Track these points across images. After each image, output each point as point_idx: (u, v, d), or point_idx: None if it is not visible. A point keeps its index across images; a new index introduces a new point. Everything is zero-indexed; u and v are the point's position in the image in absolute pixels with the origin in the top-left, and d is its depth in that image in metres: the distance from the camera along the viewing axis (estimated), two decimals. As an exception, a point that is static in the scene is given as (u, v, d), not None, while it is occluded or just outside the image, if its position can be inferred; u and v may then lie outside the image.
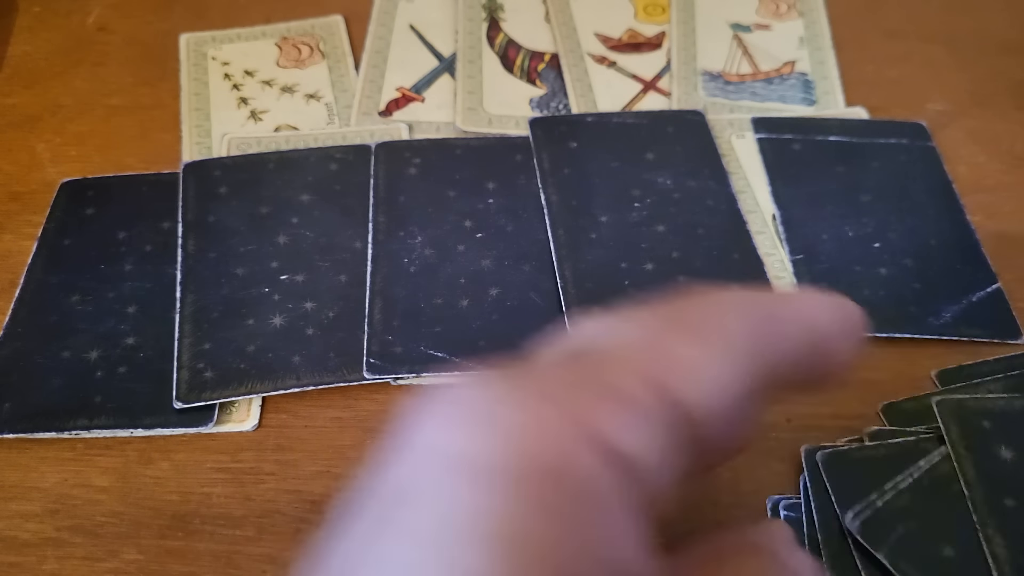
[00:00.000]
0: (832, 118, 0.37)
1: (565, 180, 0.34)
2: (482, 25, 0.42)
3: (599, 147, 0.35)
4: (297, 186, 0.35)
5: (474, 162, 0.35)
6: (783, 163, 0.35)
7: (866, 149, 0.36)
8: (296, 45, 0.42)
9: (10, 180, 0.36)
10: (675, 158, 0.35)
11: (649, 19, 0.43)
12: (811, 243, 0.33)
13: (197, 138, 0.37)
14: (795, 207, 0.34)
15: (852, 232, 0.33)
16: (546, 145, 0.36)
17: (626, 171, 0.35)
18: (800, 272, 0.32)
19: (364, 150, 0.36)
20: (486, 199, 0.34)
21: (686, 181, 0.34)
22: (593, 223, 0.33)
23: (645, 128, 0.36)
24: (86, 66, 0.41)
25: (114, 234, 0.33)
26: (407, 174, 0.34)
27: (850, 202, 0.34)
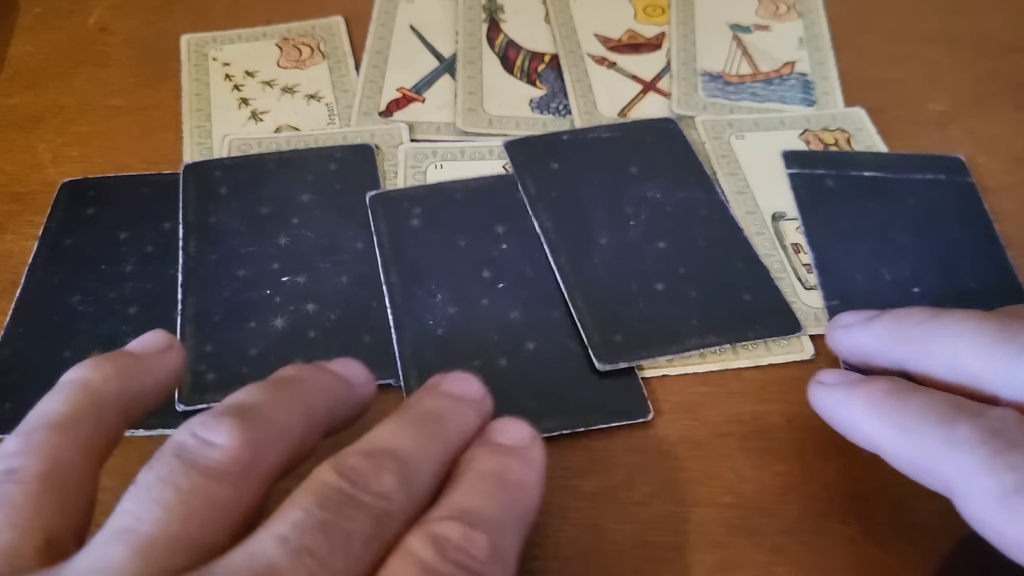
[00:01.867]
0: (867, 152, 0.36)
1: (555, 204, 0.33)
2: (482, 26, 0.42)
3: (581, 165, 0.35)
4: (297, 186, 0.35)
5: (477, 205, 0.34)
6: (816, 200, 0.34)
7: (902, 185, 0.34)
8: (297, 46, 0.42)
9: (11, 180, 0.36)
10: (659, 169, 0.35)
11: (649, 20, 0.43)
12: (847, 287, 0.31)
13: (198, 139, 0.37)
14: (829, 248, 0.33)
15: (889, 275, 0.32)
16: (528, 169, 0.35)
17: (614, 187, 0.34)
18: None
19: (364, 149, 0.36)
20: (499, 244, 0.32)
21: (675, 192, 0.34)
22: (593, 246, 0.32)
23: (622, 141, 0.36)
24: (87, 66, 0.41)
25: (115, 234, 0.33)
26: (410, 226, 0.33)
27: (886, 242, 0.33)
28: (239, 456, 0.18)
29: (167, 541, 0.17)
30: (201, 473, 0.18)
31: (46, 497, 0.18)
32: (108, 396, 0.21)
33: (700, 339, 0.30)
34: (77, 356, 0.30)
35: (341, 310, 0.31)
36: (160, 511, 0.17)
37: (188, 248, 0.32)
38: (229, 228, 0.33)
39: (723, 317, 0.30)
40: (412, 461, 0.19)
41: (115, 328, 0.30)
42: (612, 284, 0.31)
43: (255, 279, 0.32)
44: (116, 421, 0.21)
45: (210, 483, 0.18)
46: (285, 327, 0.30)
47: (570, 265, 0.32)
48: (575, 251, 0.32)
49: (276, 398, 0.21)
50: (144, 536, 0.17)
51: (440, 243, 0.32)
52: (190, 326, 0.30)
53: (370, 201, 0.34)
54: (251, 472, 0.19)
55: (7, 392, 0.29)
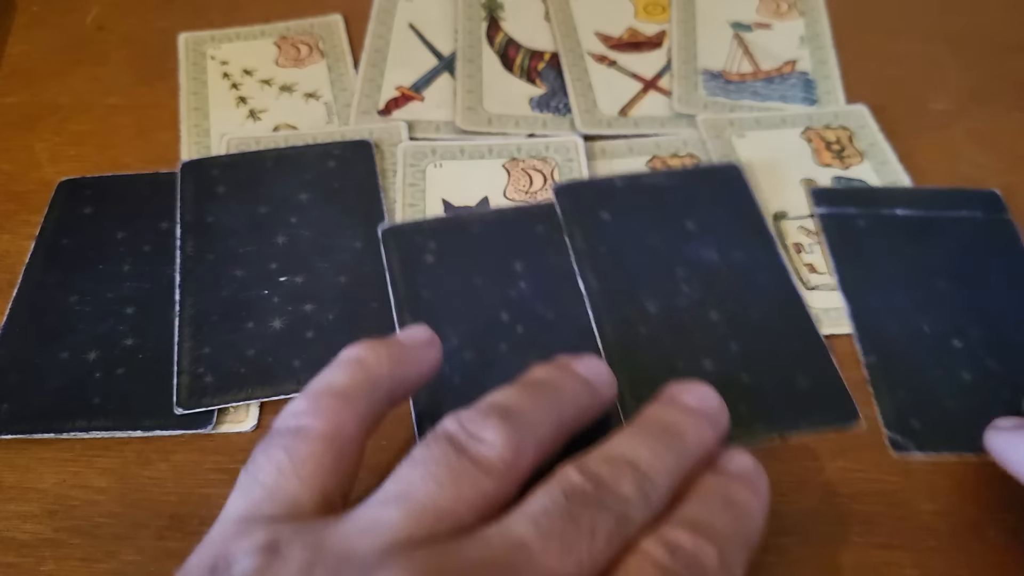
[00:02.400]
0: (898, 187, 0.34)
1: (603, 261, 0.31)
2: (482, 24, 0.42)
3: (634, 217, 0.32)
4: (295, 185, 0.34)
5: (495, 240, 0.32)
6: (848, 244, 0.32)
7: (936, 225, 0.33)
8: (295, 44, 0.41)
9: (8, 179, 0.36)
10: (717, 225, 0.32)
11: (649, 18, 0.43)
12: (884, 341, 0.30)
13: (196, 137, 0.37)
14: (864, 297, 0.31)
15: (928, 327, 0.30)
16: (576, 218, 0.32)
17: (667, 246, 0.32)
18: (876, 378, 0.29)
19: (363, 146, 0.36)
20: (517, 283, 0.31)
21: (732, 253, 0.31)
22: (641, 314, 0.30)
23: (680, 190, 0.33)
24: (85, 65, 0.41)
25: (112, 234, 0.33)
26: (424, 263, 0.31)
27: (923, 290, 0.31)
28: (504, 455, 0.20)
29: (436, 511, 0.19)
30: (471, 461, 0.20)
31: (327, 456, 0.20)
32: (380, 376, 0.23)
33: (746, 428, 0.27)
34: (74, 356, 0.29)
35: (339, 310, 0.31)
36: (433, 484, 0.19)
37: (186, 248, 0.32)
38: (227, 227, 0.33)
39: (773, 404, 0.28)
40: (651, 472, 0.20)
41: (112, 328, 0.30)
42: (657, 361, 0.29)
43: (253, 279, 0.31)
44: (383, 399, 0.23)
45: (478, 472, 0.20)
46: (283, 327, 0.30)
47: (614, 334, 0.29)
48: (621, 318, 0.30)
49: (535, 404, 0.22)
50: (417, 502, 0.19)
51: (455, 282, 0.31)
52: (188, 327, 0.30)
53: (382, 235, 0.32)
54: (512, 471, 0.20)
55: (4, 393, 0.29)
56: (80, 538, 0.26)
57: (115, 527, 0.26)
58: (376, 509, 0.19)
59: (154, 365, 0.29)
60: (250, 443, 0.28)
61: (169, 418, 0.28)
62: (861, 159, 0.36)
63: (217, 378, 0.29)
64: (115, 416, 0.28)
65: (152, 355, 0.30)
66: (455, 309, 0.30)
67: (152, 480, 0.27)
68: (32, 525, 0.26)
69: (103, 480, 0.27)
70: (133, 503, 0.27)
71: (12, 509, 0.27)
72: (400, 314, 0.30)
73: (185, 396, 0.28)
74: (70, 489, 0.27)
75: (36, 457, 0.28)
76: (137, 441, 0.28)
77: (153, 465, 0.27)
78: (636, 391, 0.28)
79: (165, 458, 0.28)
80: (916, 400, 0.28)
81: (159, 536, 0.26)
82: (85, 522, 0.26)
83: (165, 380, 0.29)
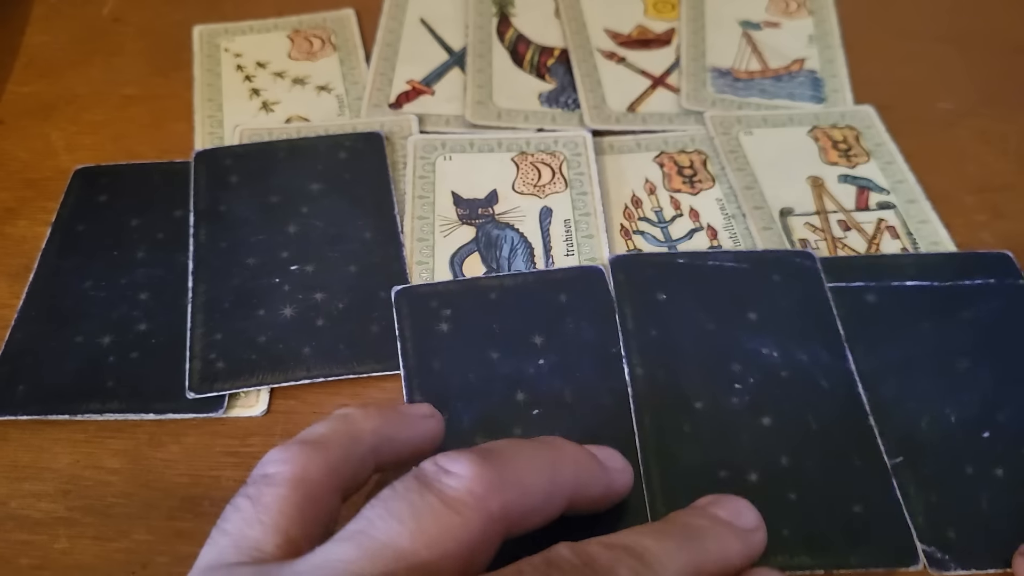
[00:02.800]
0: (907, 254, 0.32)
1: (652, 346, 0.29)
2: (492, 20, 0.43)
3: (693, 301, 0.30)
4: (307, 175, 0.35)
5: (513, 309, 0.30)
6: (860, 322, 0.30)
7: (951, 296, 0.30)
8: (308, 38, 0.42)
9: (25, 167, 0.37)
10: (782, 319, 0.30)
11: (659, 15, 0.43)
12: (909, 436, 0.27)
13: (210, 128, 0.38)
14: (883, 385, 0.28)
15: (954, 415, 0.27)
16: (630, 295, 0.30)
17: (724, 337, 0.29)
18: (904, 481, 0.26)
19: (374, 138, 0.36)
20: (535, 359, 0.29)
21: (795, 353, 0.29)
22: (686, 410, 0.27)
23: (746, 275, 0.31)
24: (101, 56, 0.41)
25: (127, 221, 0.34)
26: (438, 331, 0.30)
27: (945, 372, 0.28)
28: (472, 488, 0.19)
29: (395, 551, 0.18)
30: (436, 496, 0.19)
31: (290, 501, 0.20)
32: (362, 431, 0.22)
33: (788, 558, 0.24)
34: (88, 340, 0.30)
35: (349, 299, 0.31)
36: (393, 521, 0.18)
37: (199, 235, 0.33)
38: (239, 216, 0.33)
39: (822, 531, 0.25)
40: (653, 563, 0.19)
41: (126, 314, 0.31)
42: (697, 465, 0.26)
43: (264, 267, 0.32)
44: (364, 453, 0.22)
45: (443, 507, 0.19)
46: (294, 315, 0.31)
47: (653, 427, 0.27)
48: (664, 412, 0.27)
49: (524, 451, 0.21)
50: (374, 540, 0.18)
51: (470, 355, 0.29)
52: (200, 313, 0.30)
53: (395, 297, 0.31)
54: (482, 508, 0.19)
55: (20, 375, 0.29)
56: (93, 517, 0.26)
57: (127, 507, 0.27)
58: (332, 547, 0.18)
59: (167, 350, 0.30)
60: (260, 427, 0.29)
61: (181, 402, 0.28)
62: (867, 158, 0.36)
63: (229, 364, 0.29)
64: (128, 399, 0.29)
65: (165, 340, 0.30)
66: (468, 385, 0.28)
67: (164, 462, 0.28)
68: (46, 504, 0.27)
69: (116, 461, 0.28)
70: (145, 484, 0.27)
71: (27, 488, 0.27)
72: (409, 384, 0.28)
73: (197, 381, 0.29)
74: (84, 469, 0.27)
75: (51, 438, 0.28)
76: (150, 424, 0.29)
77: (165, 447, 0.28)
78: (669, 497, 0.25)
79: (177, 440, 0.28)
80: (949, 504, 0.26)
81: (170, 516, 0.26)
82: (98, 502, 0.27)
83: (177, 365, 0.29)
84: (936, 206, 0.34)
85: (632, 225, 0.34)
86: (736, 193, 0.35)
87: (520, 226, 0.34)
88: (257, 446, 0.28)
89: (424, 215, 0.34)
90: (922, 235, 0.33)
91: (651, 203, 0.35)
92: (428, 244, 0.33)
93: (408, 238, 0.33)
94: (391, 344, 0.30)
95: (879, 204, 0.35)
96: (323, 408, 0.29)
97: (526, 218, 0.34)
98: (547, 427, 0.27)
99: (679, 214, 0.34)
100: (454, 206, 0.34)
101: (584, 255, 0.32)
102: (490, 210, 0.34)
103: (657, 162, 0.36)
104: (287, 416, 0.29)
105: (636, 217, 0.34)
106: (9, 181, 0.36)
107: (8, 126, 0.38)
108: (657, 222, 0.34)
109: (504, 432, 0.27)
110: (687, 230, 0.34)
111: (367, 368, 0.29)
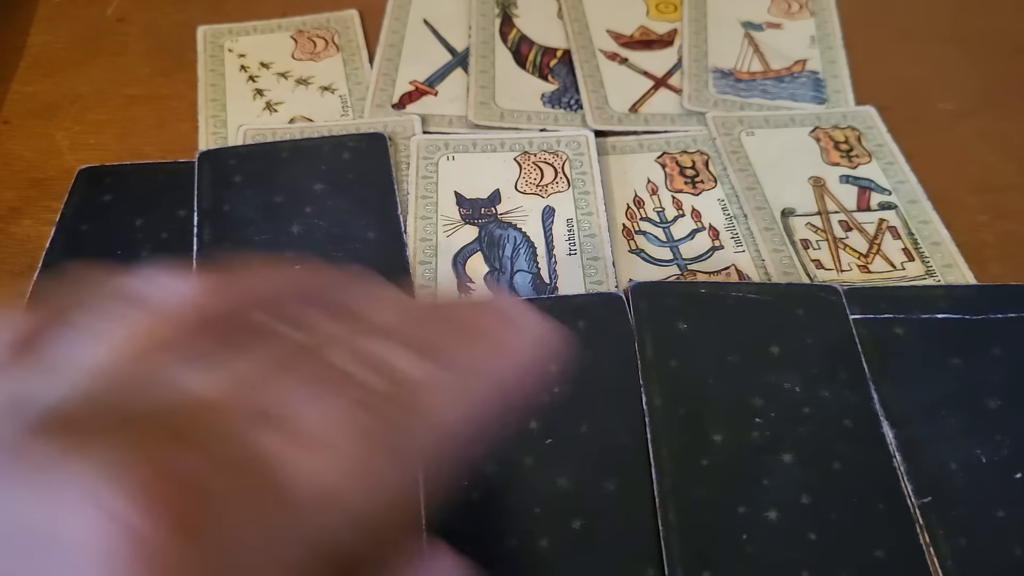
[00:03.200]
0: (937, 285, 0.31)
1: (672, 377, 0.28)
2: (495, 20, 0.43)
3: (714, 332, 0.29)
4: (311, 175, 0.35)
5: None
6: (887, 356, 0.29)
7: (982, 330, 0.29)
8: (311, 38, 0.42)
9: (30, 167, 0.37)
10: (806, 355, 0.29)
11: (661, 16, 0.43)
12: (937, 477, 0.26)
13: (213, 128, 0.38)
14: (911, 423, 0.27)
15: (985, 456, 0.26)
16: (650, 324, 0.29)
17: (746, 370, 0.28)
18: (932, 524, 0.25)
19: (377, 138, 0.36)
20: (550, 388, 0.27)
21: (819, 389, 0.28)
22: (704, 443, 0.26)
23: (770, 309, 0.30)
24: (105, 56, 0.42)
25: (131, 221, 0.34)
26: None
27: (975, 410, 0.27)
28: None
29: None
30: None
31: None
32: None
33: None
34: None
35: (352, 298, 0.31)
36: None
37: (203, 235, 0.33)
38: (243, 216, 0.34)
39: (841, 575, 0.24)
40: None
41: (130, 312, 0.31)
42: (715, 500, 0.25)
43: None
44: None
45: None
46: None
47: (671, 461, 0.26)
48: (680, 444, 0.26)
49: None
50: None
51: None
52: None
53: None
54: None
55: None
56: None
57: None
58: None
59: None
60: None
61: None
62: (869, 159, 0.36)
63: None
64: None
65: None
66: None
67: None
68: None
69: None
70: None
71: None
72: None
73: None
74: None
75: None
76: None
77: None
78: (686, 532, 0.25)
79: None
80: (980, 549, 0.25)
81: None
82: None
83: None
84: (938, 206, 0.34)
85: (634, 225, 0.34)
86: (738, 193, 0.35)
87: (523, 226, 0.34)
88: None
89: (427, 215, 0.34)
90: (923, 235, 0.33)
91: (653, 203, 0.35)
92: (431, 244, 0.33)
93: (411, 238, 0.33)
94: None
95: (880, 204, 0.35)
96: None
97: (529, 218, 0.34)
98: (558, 455, 0.26)
99: (681, 214, 0.35)
100: (457, 206, 0.34)
101: (586, 255, 0.33)
102: (493, 210, 0.34)
103: (659, 162, 0.36)
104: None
105: (638, 217, 0.35)
106: (13, 180, 0.36)
107: (13, 126, 0.38)
108: (659, 222, 0.34)
109: (515, 461, 0.26)
110: (689, 230, 0.34)
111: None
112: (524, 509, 0.25)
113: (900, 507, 0.26)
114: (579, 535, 0.25)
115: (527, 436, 0.27)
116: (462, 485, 0.25)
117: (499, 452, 0.26)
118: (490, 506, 0.25)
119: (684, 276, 0.32)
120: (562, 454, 0.26)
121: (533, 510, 0.25)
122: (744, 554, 0.24)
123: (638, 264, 0.33)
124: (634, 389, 0.28)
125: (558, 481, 0.26)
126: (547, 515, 0.25)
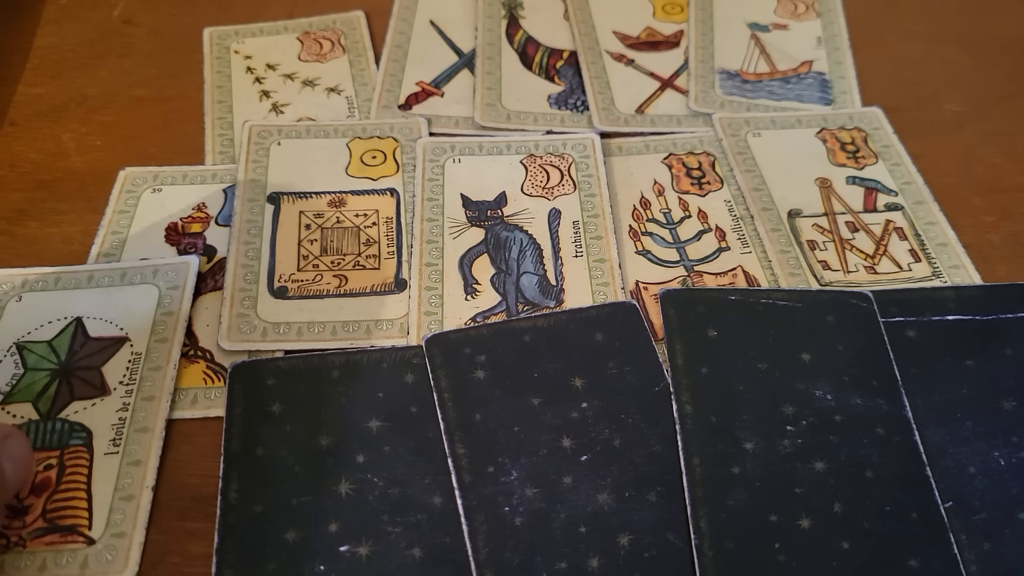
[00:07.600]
0: (946, 287, 0.31)
1: (703, 385, 0.28)
2: (501, 22, 0.43)
3: (745, 339, 0.29)
4: (366, 405, 0.28)
5: (550, 351, 0.29)
6: (900, 359, 0.28)
7: (994, 330, 0.29)
8: (318, 39, 0.42)
9: (36, 168, 0.37)
10: (838, 362, 0.28)
11: (667, 17, 0.43)
12: (958, 481, 0.26)
13: (220, 130, 0.38)
14: (928, 427, 0.27)
15: (1003, 459, 0.26)
16: (680, 331, 0.29)
17: (777, 378, 0.28)
18: (955, 528, 0.25)
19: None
20: (578, 403, 0.27)
21: (851, 397, 0.27)
22: (736, 451, 0.26)
23: (800, 315, 0.29)
24: (111, 58, 0.42)
25: None
26: (474, 380, 0.28)
27: (991, 412, 0.27)
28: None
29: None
30: None
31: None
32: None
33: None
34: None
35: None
36: None
37: (228, 493, 0.26)
38: (285, 467, 0.26)
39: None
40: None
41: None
42: (748, 511, 0.25)
43: (307, 547, 0.25)
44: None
45: None
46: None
47: (703, 470, 0.26)
48: (712, 453, 0.26)
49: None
50: None
51: (510, 402, 0.27)
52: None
53: (426, 345, 0.29)
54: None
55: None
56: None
57: (139, 506, 0.27)
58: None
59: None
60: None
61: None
62: (875, 160, 0.36)
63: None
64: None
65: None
66: (511, 434, 0.26)
67: (174, 462, 0.28)
68: (58, 503, 0.27)
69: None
70: (156, 484, 0.27)
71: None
72: (450, 443, 0.26)
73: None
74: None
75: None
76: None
77: (176, 448, 0.28)
78: (716, 541, 0.24)
79: (187, 441, 0.28)
80: (1004, 554, 0.25)
81: (181, 517, 0.26)
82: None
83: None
84: (944, 207, 0.34)
85: (641, 226, 0.34)
86: (744, 194, 0.35)
87: (529, 228, 0.34)
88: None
89: (433, 217, 0.34)
90: (930, 236, 0.33)
91: (659, 204, 0.35)
92: (437, 246, 0.33)
93: (417, 240, 0.33)
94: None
95: (887, 205, 0.35)
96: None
97: (535, 220, 0.34)
98: (595, 472, 0.26)
99: (687, 215, 0.35)
100: (463, 208, 0.34)
101: (593, 256, 0.33)
102: (499, 212, 0.34)
103: (665, 164, 0.36)
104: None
105: (645, 218, 0.34)
106: (20, 182, 0.36)
107: (19, 127, 0.38)
108: (665, 223, 0.34)
109: (555, 481, 0.26)
110: (695, 231, 0.34)
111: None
112: (570, 528, 0.25)
113: (935, 516, 0.25)
114: (628, 550, 0.24)
115: (562, 455, 0.26)
116: (504, 511, 0.25)
117: (536, 475, 0.26)
118: (536, 527, 0.25)
119: (691, 277, 0.32)
120: (599, 470, 0.26)
121: (579, 529, 0.25)
122: (776, 563, 0.24)
123: (644, 265, 0.33)
124: (662, 398, 0.28)
125: (599, 497, 0.25)
126: (594, 533, 0.25)
